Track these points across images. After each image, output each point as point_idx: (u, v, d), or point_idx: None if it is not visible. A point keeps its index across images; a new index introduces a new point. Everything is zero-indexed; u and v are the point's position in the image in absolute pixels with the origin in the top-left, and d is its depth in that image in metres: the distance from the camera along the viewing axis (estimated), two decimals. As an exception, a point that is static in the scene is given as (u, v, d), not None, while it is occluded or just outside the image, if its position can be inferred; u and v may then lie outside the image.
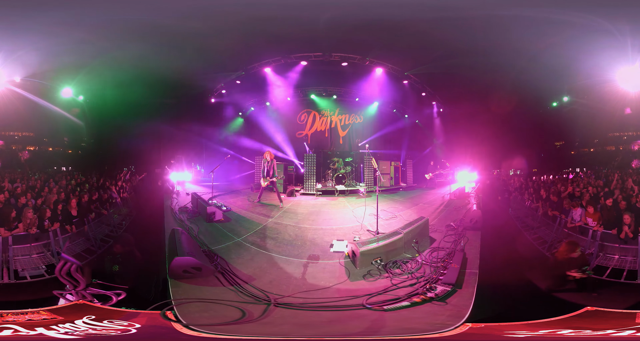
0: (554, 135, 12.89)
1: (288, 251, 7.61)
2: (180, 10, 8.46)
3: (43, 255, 6.96)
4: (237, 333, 5.07)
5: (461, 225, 8.55)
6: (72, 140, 12.06)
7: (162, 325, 5.24)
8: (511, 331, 4.90)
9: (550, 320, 5.13)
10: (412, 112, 14.36)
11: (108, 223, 8.43)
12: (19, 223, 7.06)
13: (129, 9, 8.28)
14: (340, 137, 14.88)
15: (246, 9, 8.51)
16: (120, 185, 10.24)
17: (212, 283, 6.43)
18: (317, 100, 14.40)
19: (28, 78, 10.14)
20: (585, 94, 11.31)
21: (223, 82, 13.14)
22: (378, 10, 8.60)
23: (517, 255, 7.46)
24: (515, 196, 10.64)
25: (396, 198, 11.64)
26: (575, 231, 7.79)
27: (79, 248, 7.28)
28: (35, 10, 8.00)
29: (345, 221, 9.16)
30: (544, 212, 8.73)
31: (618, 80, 10.01)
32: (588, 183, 9.87)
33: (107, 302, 5.81)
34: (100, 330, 4.89)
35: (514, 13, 8.30)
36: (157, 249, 7.19)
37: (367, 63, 12.48)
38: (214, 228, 8.51)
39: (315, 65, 12.39)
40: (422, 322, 5.41)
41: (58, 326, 4.91)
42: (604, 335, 4.71)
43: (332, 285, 6.49)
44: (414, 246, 7.49)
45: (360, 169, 12.99)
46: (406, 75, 12.94)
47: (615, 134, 11.94)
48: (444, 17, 8.65)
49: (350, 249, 7.39)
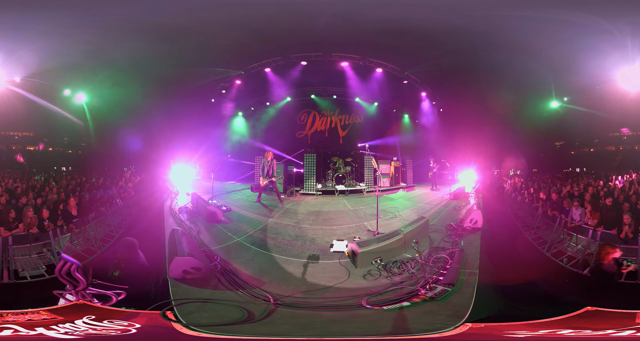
0: (554, 135, 12.90)
1: (288, 251, 7.61)
2: (180, 10, 8.47)
3: (43, 255, 6.97)
4: (237, 333, 5.07)
5: (461, 225, 8.55)
6: (72, 140, 12.07)
7: (162, 325, 5.24)
8: (511, 331, 4.90)
9: (550, 320, 5.12)
10: (412, 111, 14.37)
11: (108, 223, 8.42)
12: (19, 223, 7.07)
13: (128, 10, 8.29)
14: (340, 137, 14.89)
15: (246, 9, 8.52)
16: (120, 185, 10.24)
17: (212, 283, 6.43)
18: (317, 100, 14.41)
19: (28, 78, 10.15)
20: (585, 94, 11.32)
21: (223, 82, 13.15)
22: (378, 10, 8.61)
23: (517, 255, 7.46)
24: (515, 196, 10.64)
25: (396, 198, 11.66)
26: (575, 231, 7.79)
27: (79, 248, 7.28)
28: (35, 10, 8.00)
29: (345, 221, 9.17)
30: (544, 211, 8.73)
31: (618, 80, 10.01)
32: (588, 184, 9.88)
33: (107, 302, 5.81)
34: (100, 330, 4.89)
35: (514, 13, 8.31)
36: (157, 249, 7.18)
37: (367, 63, 12.49)
38: (214, 228, 8.51)
39: (315, 65, 12.40)
40: (422, 322, 5.40)
41: (58, 326, 4.91)
42: (604, 335, 4.71)
43: (332, 285, 6.49)
44: (414, 246, 7.49)
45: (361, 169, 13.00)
46: (406, 75, 12.95)
47: (615, 134, 11.96)
48: (444, 16, 8.65)
49: (350, 249, 7.39)
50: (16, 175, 10.34)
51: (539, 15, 8.32)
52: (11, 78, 10.01)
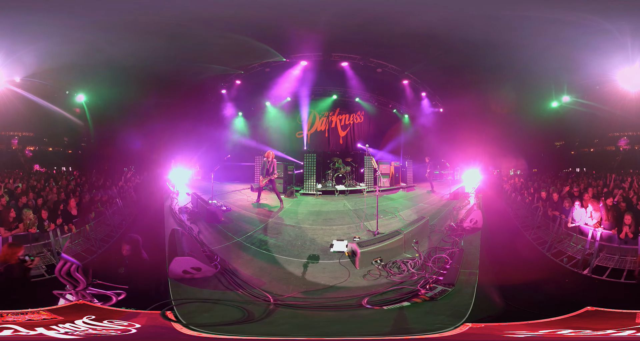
0: (554, 135, 12.90)
1: (288, 251, 7.61)
2: (180, 10, 8.47)
3: (43, 255, 6.97)
4: (237, 333, 5.06)
5: (461, 225, 8.55)
6: (72, 140, 12.06)
7: (162, 325, 5.23)
8: (511, 331, 4.90)
9: (550, 320, 5.12)
10: (412, 111, 14.36)
11: (108, 223, 8.42)
12: (19, 223, 7.07)
13: (128, 10, 8.28)
14: (340, 137, 14.88)
15: (246, 9, 8.52)
16: (120, 185, 10.24)
17: (212, 283, 6.43)
18: (317, 100, 14.39)
19: (28, 78, 10.15)
20: (585, 94, 11.32)
21: (223, 82, 13.15)
22: (378, 10, 8.60)
23: (517, 255, 7.45)
24: (515, 196, 10.64)
25: (396, 198, 11.65)
26: (575, 231, 7.79)
27: (79, 248, 7.28)
28: (35, 11, 8.00)
29: (345, 221, 9.16)
30: (544, 212, 8.73)
31: (618, 80, 10.02)
32: (588, 184, 9.87)
33: (107, 302, 5.80)
34: (100, 330, 4.89)
35: (514, 13, 8.31)
36: (157, 249, 7.18)
37: (367, 63, 12.49)
38: (214, 228, 8.51)
39: (315, 65, 12.39)
40: (422, 322, 5.40)
41: (58, 326, 4.90)
42: (604, 335, 4.71)
43: (332, 285, 6.49)
44: (414, 246, 7.49)
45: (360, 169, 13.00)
46: (406, 75, 12.94)
47: (615, 134, 11.95)
48: (444, 16, 8.65)
49: (350, 249, 7.39)
50: (16, 175, 10.35)
51: (539, 15, 8.32)
52: (11, 78, 10.02)
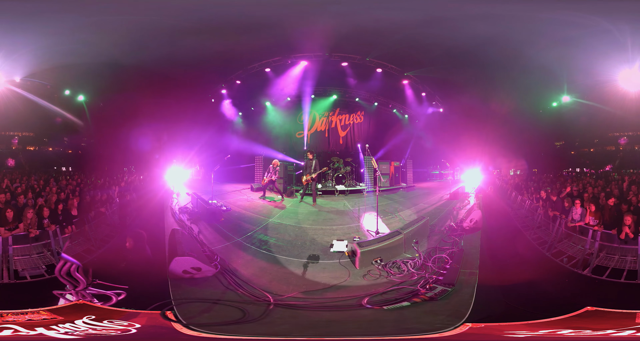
0: (554, 135, 12.91)
1: (288, 251, 7.61)
2: (180, 10, 8.46)
3: (43, 255, 6.97)
4: (237, 333, 5.07)
5: (461, 225, 8.55)
6: (72, 140, 12.07)
7: (162, 325, 5.24)
8: (511, 331, 4.90)
9: (550, 320, 5.12)
10: (411, 111, 14.37)
11: (108, 223, 8.42)
12: (19, 223, 7.06)
13: (128, 10, 8.29)
14: (340, 137, 14.88)
15: (246, 9, 8.52)
16: (120, 185, 10.23)
17: (212, 283, 6.43)
18: (317, 100, 14.39)
19: (28, 78, 10.15)
20: (585, 94, 11.32)
21: (223, 81, 13.15)
22: (378, 10, 8.60)
23: (517, 255, 7.45)
24: (515, 196, 10.64)
25: (396, 198, 11.65)
26: (575, 231, 7.79)
27: (79, 248, 7.28)
28: (35, 11, 8.00)
29: (345, 221, 9.16)
30: (544, 212, 8.73)
31: (618, 80, 10.01)
32: (588, 184, 9.87)
33: (107, 302, 5.81)
34: (100, 330, 4.89)
35: (514, 13, 8.31)
36: (157, 249, 7.18)
37: (367, 63, 12.48)
38: (214, 228, 8.51)
39: (315, 65, 12.39)
40: (422, 322, 5.40)
41: (58, 326, 4.91)
42: (604, 335, 4.71)
43: (332, 285, 6.49)
44: (414, 246, 7.48)
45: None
46: (406, 75, 12.94)
47: (615, 134, 11.96)
48: (444, 17, 8.65)
49: (350, 249, 7.39)
50: (16, 175, 10.34)
51: (539, 15, 8.32)
52: (11, 78, 10.01)
